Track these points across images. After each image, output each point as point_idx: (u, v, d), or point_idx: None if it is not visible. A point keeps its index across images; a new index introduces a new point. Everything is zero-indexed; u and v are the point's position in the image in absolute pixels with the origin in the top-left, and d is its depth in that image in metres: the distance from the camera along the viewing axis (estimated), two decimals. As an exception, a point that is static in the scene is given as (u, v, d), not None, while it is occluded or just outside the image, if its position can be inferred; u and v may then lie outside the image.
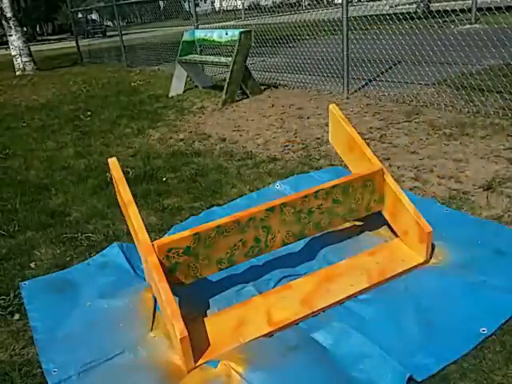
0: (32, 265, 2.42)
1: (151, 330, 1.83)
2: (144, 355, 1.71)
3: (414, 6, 14.27)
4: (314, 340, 1.71)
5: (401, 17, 5.47)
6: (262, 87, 6.12)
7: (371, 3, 6.67)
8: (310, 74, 6.35)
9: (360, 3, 8.12)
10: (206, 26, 8.34)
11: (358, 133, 2.39)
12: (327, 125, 2.67)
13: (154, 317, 1.90)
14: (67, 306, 2.01)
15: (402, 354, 1.59)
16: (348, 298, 1.91)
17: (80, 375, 1.63)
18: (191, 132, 4.64)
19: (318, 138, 3.98)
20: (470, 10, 9.91)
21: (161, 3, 11.85)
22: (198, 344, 1.67)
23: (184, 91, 6.54)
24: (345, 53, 5.08)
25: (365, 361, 1.59)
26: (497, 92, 4.34)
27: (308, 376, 1.53)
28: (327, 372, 1.55)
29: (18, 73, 10.96)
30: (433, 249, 2.12)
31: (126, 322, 1.88)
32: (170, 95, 6.41)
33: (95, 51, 13.68)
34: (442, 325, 1.71)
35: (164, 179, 3.44)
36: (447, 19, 5.46)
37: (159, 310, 1.89)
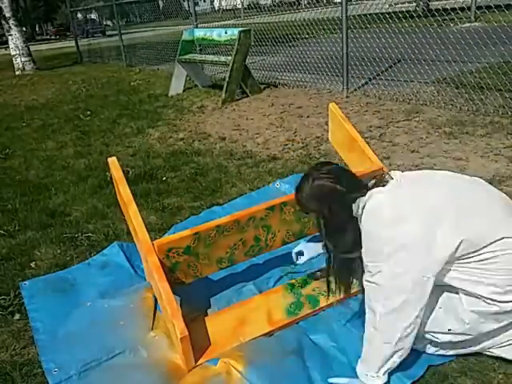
0: (32, 264, 2.42)
1: (152, 329, 1.84)
2: (144, 355, 1.71)
3: (414, 4, 14.26)
4: (314, 339, 1.72)
5: (400, 15, 5.47)
6: (262, 86, 6.12)
7: (370, 2, 6.66)
8: (309, 73, 6.34)
9: (359, 2, 8.12)
10: (206, 25, 8.33)
11: (358, 132, 2.39)
12: (327, 124, 2.67)
13: (154, 316, 1.90)
14: (68, 305, 2.01)
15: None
16: (349, 296, 1.91)
17: (81, 375, 1.64)
18: (191, 131, 4.64)
19: (318, 137, 3.97)
20: (469, 9, 9.90)
21: (160, 2, 11.85)
22: (198, 343, 1.67)
23: (184, 90, 6.53)
24: (344, 51, 5.07)
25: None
26: (497, 90, 4.33)
27: (308, 374, 1.54)
28: (327, 370, 1.56)
29: (17, 72, 10.96)
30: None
31: (126, 322, 1.88)
32: (169, 94, 6.41)
33: (95, 51, 13.66)
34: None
35: (164, 179, 3.44)
36: (447, 17, 5.45)
37: (159, 310, 1.89)
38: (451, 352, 1.55)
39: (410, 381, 1.49)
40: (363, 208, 1.46)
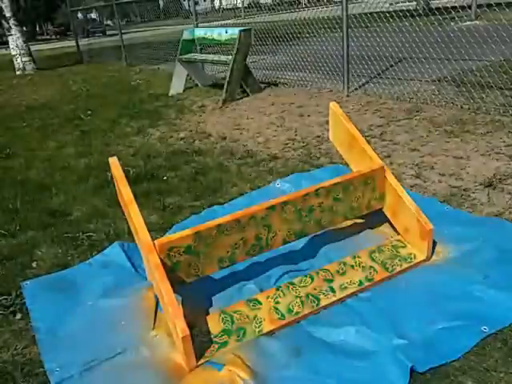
0: (33, 264, 2.42)
1: (153, 328, 1.84)
2: (146, 354, 1.71)
3: (414, 3, 14.24)
4: (315, 338, 1.72)
5: (401, 14, 5.46)
6: (262, 85, 6.11)
7: (371, 0, 6.65)
8: (310, 72, 6.34)
9: (360, 0, 8.11)
10: (206, 24, 8.33)
11: (359, 130, 2.39)
12: (328, 123, 2.67)
13: (155, 316, 1.90)
14: (69, 305, 2.02)
15: (403, 350, 1.60)
16: (349, 295, 1.91)
17: (82, 374, 1.64)
18: (191, 131, 4.64)
19: (319, 136, 3.97)
20: (470, 7, 9.89)
21: (160, 2, 11.84)
22: (199, 343, 1.67)
23: (184, 90, 6.53)
24: (345, 50, 5.07)
25: (368, 356, 1.59)
26: (497, 88, 4.33)
27: (310, 374, 1.54)
28: (330, 369, 1.56)
29: (17, 72, 10.96)
30: (434, 246, 2.12)
31: (127, 321, 1.88)
32: (170, 94, 6.41)
33: (95, 50, 13.66)
34: (442, 322, 1.71)
35: (164, 178, 3.44)
36: (447, 16, 5.46)
37: (160, 309, 1.89)
38: None
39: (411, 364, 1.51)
40: None
